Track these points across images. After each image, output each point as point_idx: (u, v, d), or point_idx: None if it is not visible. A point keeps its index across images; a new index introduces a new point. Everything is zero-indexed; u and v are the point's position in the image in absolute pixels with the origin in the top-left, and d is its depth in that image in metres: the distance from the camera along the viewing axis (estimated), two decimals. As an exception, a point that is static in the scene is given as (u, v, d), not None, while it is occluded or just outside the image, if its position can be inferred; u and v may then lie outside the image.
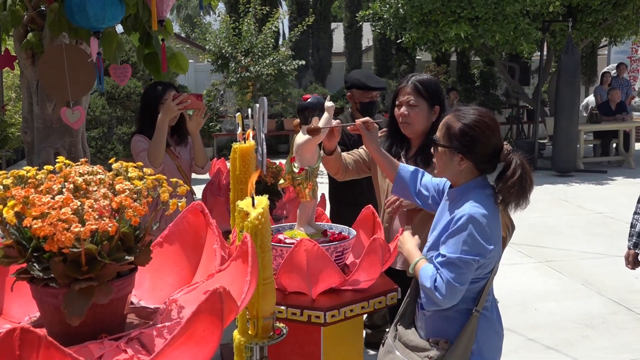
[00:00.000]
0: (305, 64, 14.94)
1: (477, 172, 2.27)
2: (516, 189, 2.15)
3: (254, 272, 1.38)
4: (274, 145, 14.86)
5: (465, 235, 2.14)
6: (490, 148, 2.24)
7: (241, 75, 12.04)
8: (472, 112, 2.27)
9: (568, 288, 5.62)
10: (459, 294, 2.17)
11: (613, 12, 12.23)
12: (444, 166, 2.31)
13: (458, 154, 2.24)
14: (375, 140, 2.70)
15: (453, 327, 2.25)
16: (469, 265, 2.14)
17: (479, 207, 2.17)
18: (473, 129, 2.22)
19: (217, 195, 3.76)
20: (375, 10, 13.04)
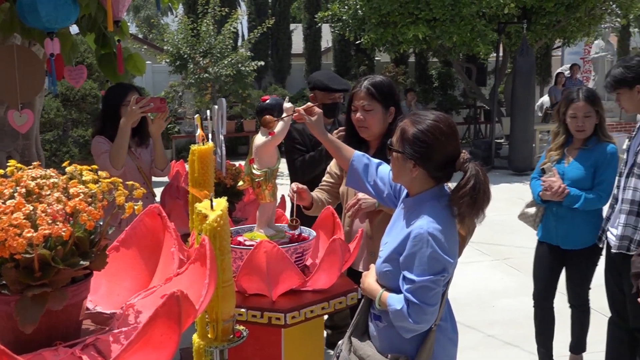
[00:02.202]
0: (265, 65, 14.89)
1: (431, 180, 2.22)
2: (467, 199, 2.08)
3: (212, 275, 1.36)
4: (234, 147, 14.77)
5: (428, 254, 2.08)
6: (444, 156, 2.17)
7: (200, 77, 11.95)
8: (429, 117, 2.20)
9: (525, 285, 5.71)
10: (434, 314, 2.15)
11: (566, 14, 12.51)
12: (398, 172, 2.26)
13: (410, 160, 2.18)
14: (320, 125, 2.66)
15: (411, 342, 2.22)
16: (439, 282, 2.12)
17: (433, 222, 2.11)
18: (427, 135, 2.15)
19: (175, 198, 3.72)
20: (334, 12, 13.08)
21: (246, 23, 17.21)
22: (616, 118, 14.71)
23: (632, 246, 3.27)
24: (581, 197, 3.55)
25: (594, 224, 3.64)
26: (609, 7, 13.58)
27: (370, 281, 2.34)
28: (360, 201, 2.92)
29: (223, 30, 12.37)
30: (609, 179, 3.54)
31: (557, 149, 3.76)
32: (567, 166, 3.68)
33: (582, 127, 3.60)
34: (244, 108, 13.27)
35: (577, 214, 3.61)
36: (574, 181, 3.60)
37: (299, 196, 2.91)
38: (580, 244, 3.67)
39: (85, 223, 1.34)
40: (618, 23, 16.28)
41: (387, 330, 2.26)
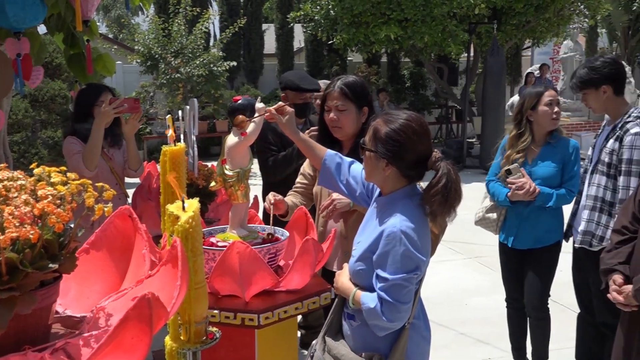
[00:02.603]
0: (237, 65, 14.83)
1: (404, 179, 2.24)
2: (439, 197, 2.11)
3: (184, 277, 1.35)
4: (206, 148, 14.69)
5: (401, 252, 2.10)
6: (416, 154, 2.19)
7: (171, 77, 11.86)
8: (401, 116, 2.22)
9: (497, 283, 5.75)
10: (407, 312, 2.17)
11: (535, 15, 12.67)
12: (370, 171, 2.27)
13: (383, 159, 2.19)
14: (292, 124, 2.67)
15: (384, 340, 2.24)
16: (412, 280, 2.14)
17: (406, 220, 2.13)
18: (399, 134, 2.17)
19: (147, 199, 3.69)
20: (306, 12, 13.08)
21: (218, 23, 17.15)
22: (585, 117, 14.93)
23: (594, 242, 3.35)
24: (553, 195, 3.53)
25: (557, 223, 3.66)
26: (577, 8, 13.80)
27: (344, 280, 2.35)
28: (335, 201, 2.92)
29: (194, 30, 12.29)
30: (578, 174, 3.56)
31: (522, 150, 3.67)
32: (533, 165, 3.63)
33: (558, 115, 3.59)
34: (216, 108, 13.20)
35: (544, 212, 3.59)
36: (544, 179, 3.57)
37: (275, 207, 2.90)
38: (541, 242, 3.63)
39: (54, 225, 1.32)
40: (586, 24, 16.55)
41: (361, 329, 2.27)
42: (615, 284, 2.76)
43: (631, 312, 2.73)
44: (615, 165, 3.33)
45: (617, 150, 3.32)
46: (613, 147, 3.34)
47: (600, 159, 3.39)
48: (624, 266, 2.77)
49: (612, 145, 3.35)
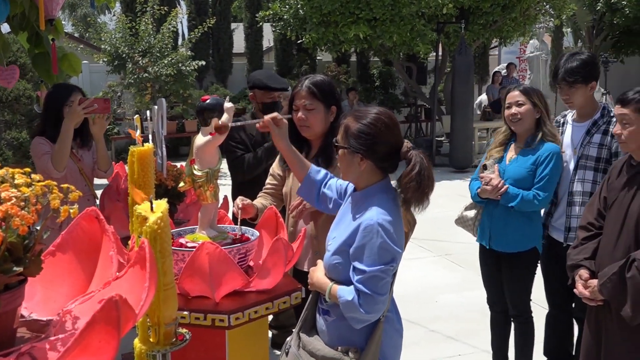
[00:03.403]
0: (206, 64, 14.74)
1: (379, 172, 2.29)
2: (414, 184, 2.17)
3: (152, 278, 1.34)
4: (175, 148, 14.57)
5: (378, 244, 2.14)
6: (389, 146, 2.26)
7: (139, 76, 11.73)
8: (370, 111, 2.29)
9: (467, 279, 5.84)
10: (384, 303, 2.20)
11: (502, 15, 12.83)
12: (346, 168, 2.31)
13: (357, 154, 2.24)
14: (285, 137, 2.67)
15: (360, 334, 2.26)
16: (389, 272, 2.18)
17: (384, 213, 2.19)
18: (371, 127, 2.23)
19: (115, 201, 3.65)
20: (275, 11, 13.05)
21: (186, 22, 17.01)
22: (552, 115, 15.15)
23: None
24: (518, 196, 3.40)
25: (531, 228, 3.51)
26: (543, 8, 14.02)
27: (319, 275, 2.37)
28: (304, 201, 2.92)
29: (162, 30, 12.18)
30: (548, 177, 3.40)
31: (497, 146, 3.63)
32: (508, 164, 3.54)
33: (514, 115, 3.45)
34: (185, 108, 13.10)
35: (513, 215, 3.45)
36: (515, 180, 3.44)
37: (244, 211, 2.89)
38: (514, 247, 3.51)
39: (18, 228, 1.29)
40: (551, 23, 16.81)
41: (336, 323, 2.30)
42: (582, 279, 2.81)
43: (597, 307, 2.79)
44: (605, 158, 3.37)
45: (608, 144, 3.37)
46: (602, 141, 3.39)
47: (585, 154, 3.42)
48: (589, 261, 2.82)
49: (599, 139, 3.40)
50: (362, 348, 2.26)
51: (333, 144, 2.36)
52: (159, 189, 3.26)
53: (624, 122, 2.70)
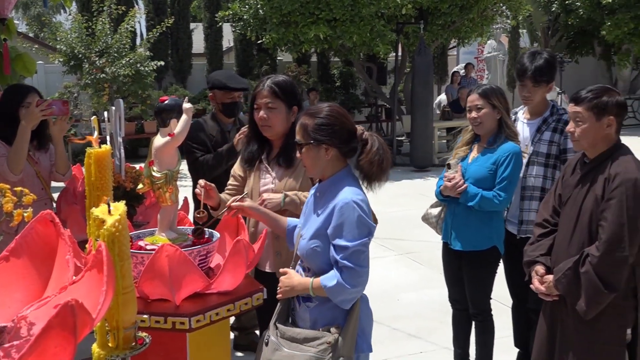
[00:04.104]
0: (165, 65, 14.58)
1: (342, 159, 2.45)
2: (377, 158, 2.39)
3: (110, 282, 1.32)
4: (135, 149, 14.38)
5: (356, 219, 2.30)
6: (347, 132, 2.43)
7: (96, 77, 11.54)
8: (322, 106, 2.47)
9: (428, 278, 5.90)
10: (367, 276, 2.37)
11: (460, 15, 12.99)
12: (312, 163, 2.44)
13: (322, 145, 2.39)
14: (257, 208, 2.74)
15: (340, 312, 2.39)
16: (368, 245, 2.36)
17: (356, 192, 2.37)
18: (329, 118, 2.40)
19: (72, 204, 3.58)
20: (235, 11, 12.98)
21: (144, 22, 16.80)
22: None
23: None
24: (477, 196, 3.42)
25: (491, 227, 3.52)
26: (500, 9, 14.24)
27: (298, 279, 2.45)
28: (266, 201, 2.92)
29: (120, 29, 12.00)
30: (509, 178, 3.42)
31: (463, 145, 3.68)
32: (470, 164, 3.55)
33: (474, 119, 3.50)
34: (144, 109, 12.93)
35: (474, 214, 3.47)
36: (476, 180, 3.47)
37: (206, 194, 2.87)
38: (474, 245, 3.52)
39: (-30, 233, 1.26)
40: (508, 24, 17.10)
41: (319, 307, 2.41)
42: (538, 274, 2.87)
43: (552, 302, 2.85)
44: (555, 155, 3.51)
45: (557, 141, 3.50)
46: (552, 138, 3.52)
47: (536, 150, 3.52)
48: (545, 258, 2.88)
49: (549, 136, 3.53)
50: (342, 325, 2.38)
51: (296, 143, 2.47)
52: (117, 191, 3.21)
53: (577, 120, 2.76)
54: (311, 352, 2.32)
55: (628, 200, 2.60)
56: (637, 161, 2.73)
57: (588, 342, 2.72)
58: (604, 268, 2.61)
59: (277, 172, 3.05)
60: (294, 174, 3.01)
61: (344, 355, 2.33)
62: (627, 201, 2.60)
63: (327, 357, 2.31)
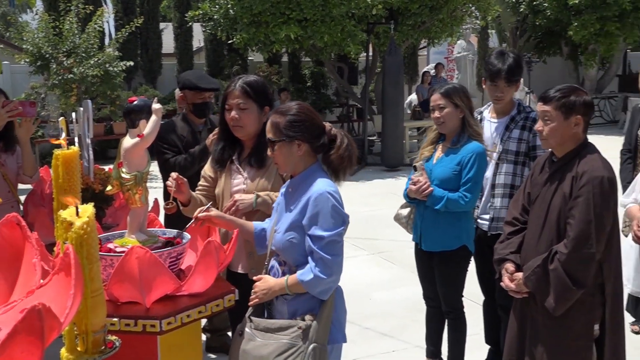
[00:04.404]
0: (134, 65, 14.42)
1: (313, 154, 2.53)
2: (346, 154, 2.50)
3: (78, 285, 1.31)
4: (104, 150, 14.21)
5: (330, 209, 2.39)
6: (317, 126, 2.52)
7: (64, 77, 11.37)
8: (291, 105, 2.54)
9: (399, 276, 5.93)
10: (341, 264, 2.46)
11: (430, 16, 13.08)
12: (285, 160, 2.51)
13: (295, 141, 2.47)
14: (223, 217, 2.74)
15: (315, 302, 2.46)
16: (342, 235, 2.45)
17: (329, 184, 2.46)
18: (300, 115, 2.49)
19: (40, 206, 3.53)
20: (205, 11, 12.90)
21: (113, 22, 16.60)
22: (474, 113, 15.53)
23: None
24: (443, 199, 3.44)
25: (460, 227, 3.55)
26: (469, 10, 14.37)
27: (273, 280, 2.51)
28: (237, 202, 2.90)
29: (88, 29, 11.84)
30: (474, 179, 3.45)
31: (428, 145, 3.70)
32: (435, 164, 3.59)
33: (437, 119, 3.52)
34: (113, 110, 12.77)
35: (442, 215, 3.49)
36: (441, 180, 3.50)
37: (178, 188, 2.85)
38: (443, 246, 3.56)
39: None
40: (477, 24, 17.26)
41: (296, 299, 2.48)
42: (508, 272, 2.90)
43: (522, 299, 2.88)
44: (524, 152, 3.58)
45: (526, 138, 3.56)
46: (520, 135, 3.58)
47: (505, 148, 3.57)
48: (515, 255, 2.92)
49: (518, 134, 3.59)
50: (317, 313, 2.44)
51: (268, 141, 2.51)
52: (86, 193, 3.18)
53: (546, 118, 2.80)
54: (285, 339, 2.39)
55: (595, 198, 2.65)
56: (603, 159, 2.78)
57: (557, 338, 2.75)
58: (572, 265, 2.65)
59: (248, 173, 3.04)
60: (266, 174, 3.01)
61: (318, 341, 2.39)
62: (594, 199, 2.65)
63: (299, 343, 2.37)
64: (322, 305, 2.46)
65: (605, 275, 2.73)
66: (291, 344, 2.37)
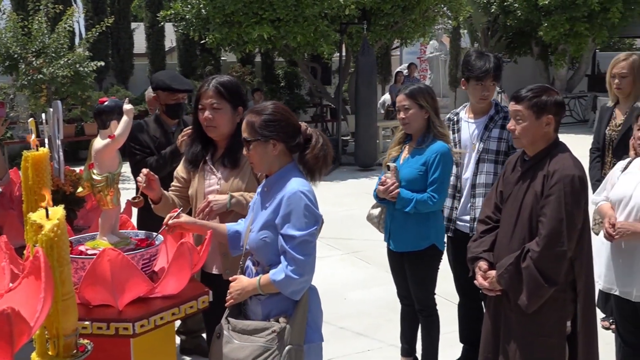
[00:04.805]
0: (105, 65, 14.25)
1: (288, 154, 2.53)
2: (322, 154, 2.50)
3: (48, 289, 1.28)
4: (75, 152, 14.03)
5: (303, 208, 2.39)
6: (293, 127, 2.51)
7: (33, 78, 11.21)
8: (266, 104, 2.55)
9: (374, 276, 5.95)
10: (314, 264, 2.45)
11: (402, 16, 13.15)
12: (260, 159, 2.50)
13: (270, 141, 2.46)
14: (194, 222, 2.72)
15: (289, 303, 2.45)
16: (315, 235, 2.44)
17: (303, 184, 2.45)
18: (275, 115, 2.48)
19: (9, 208, 3.47)
20: (177, 11, 12.80)
21: (83, 21, 16.39)
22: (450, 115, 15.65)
23: None
24: (412, 201, 3.46)
25: (428, 227, 3.56)
26: (441, 10, 14.48)
27: (247, 280, 2.50)
28: (211, 203, 2.89)
29: (57, 29, 11.69)
30: (440, 179, 3.47)
31: (396, 145, 3.73)
32: (402, 165, 3.60)
33: (402, 119, 3.55)
34: (84, 111, 12.61)
35: (411, 215, 3.51)
36: (408, 181, 3.52)
37: (148, 185, 2.82)
38: (411, 246, 3.58)
39: None
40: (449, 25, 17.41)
41: (271, 298, 2.46)
42: (481, 270, 2.92)
43: (496, 297, 2.91)
44: (504, 151, 3.60)
45: (506, 137, 3.57)
46: (500, 135, 3.61)
47: (485, 147, 3.59)
48: (488, 254, 2.94)
49: (498, 133, 3.62)
50: (291, 315, 2.44)
51: (243, 141, 2.50)
52: (57, 195, 3.13)
53: (518, 118, 2.83)
54: (260, 342, 2.38)
55: (566, 197, 2.68)
56: (574, 158, 2.82)
57: (530, 335, 2.78)
58: (544, 263, 2.68)
59: (222, 173, 3.02)
60: (240, 174, 2.99)
61: (293, 343, 2.39)
62: (565, 197, 2.68)
63: (275, 345, 2.37)
64: (296, 306, 2.45)
65: (576, 273, 2.76)
66: (266, 347, 2.37)
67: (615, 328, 3.54)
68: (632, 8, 17.12)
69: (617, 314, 3.47)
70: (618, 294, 3.26)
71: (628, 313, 3.32)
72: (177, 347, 4.19)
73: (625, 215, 3.21)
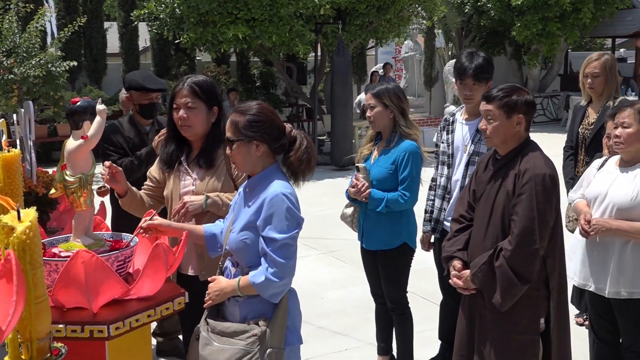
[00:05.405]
0: (78, 65, 14.09)
1: (272, 155, 2.51)
2: (305, 156, 2.48)
3: (20, 292, 1.27)
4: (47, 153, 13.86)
5: (284, 211, 2.37)
6: (277, 129, 2.49)
7: (4, 78, 11.06)
8: (251, 104, 2.51)
9: (351, 275, 5.97)
10: (294, 268, 2.44)
11: (377, 16, 13.20)
12: (243, 159, 2.48)
13: (253, 141, 2.44)
14: (169, 224, 2.70)
15: (269, 306, 2.43)
16: (296, 238, 2.43)
17: (286, 186, 2.44)
18: (259, 115, 2.46)
19: (-20, 211, 3.42)
20: (150, 10, 12.71)
21: (55, 21, 16.19)
22: (426, 113, 15.75)
23: None
24: (383, 200, 3.52)
25: (400, 225, 3.62)
26: (415, 10, 14.56)
27: (226, 281, 2.48)
28: (187, 204, 2.87)
29: (29, 28, 11.54)
30: (410, 177, 3.52)
31: (367, 143, 3.78)
32: (372, 165, 3.65)
33: (369, 118, 3.63)
34: (56, 111, 12.46)
35: (383, 214, 3.56)
36: (378, 180, 3.57)
37: (112, 177, 2.80)
38: (383, 244, 3.64)
39: None
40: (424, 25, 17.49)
41: (249, 300, 2.44)
42: (455, 269, 2.95)
43: (470, 295, 2.93)
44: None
45: None
46: None
47: (476, 150, 3.59)
48: (462, 252, 2.97)
49: None
50: (270, 318, 2.42)
51: (226, 140, 2.48)
52: (29, 196, 3.09)
53: (489, 117, 2.86)
54: (240, 345, 2.36)
55: (537, 195, 2.71)
56: (545, 157, 2.86)
57: (504, 332, 2.81)
58: (516, 261, 2.71)
59: (197, 173, 3.01)
60: (216, 175, 2.98)
61: (273, 346, 2.38)
62: (536, 196, 2.71)
63: (255, 349, 2.35)
64: (277, 309, 2.44)
65: (549, 270, 2.80)
66: (247, 350, 2.35)
67: (589, 324, 3.59)
68: (602, 9, 17.41)
69: (591, 310, 3.52)
70: (593, 290, 3.30)
71: (602, 309, 3.37)
72: (154, 349, 4.16)
73: (600, 212, 3.26)
